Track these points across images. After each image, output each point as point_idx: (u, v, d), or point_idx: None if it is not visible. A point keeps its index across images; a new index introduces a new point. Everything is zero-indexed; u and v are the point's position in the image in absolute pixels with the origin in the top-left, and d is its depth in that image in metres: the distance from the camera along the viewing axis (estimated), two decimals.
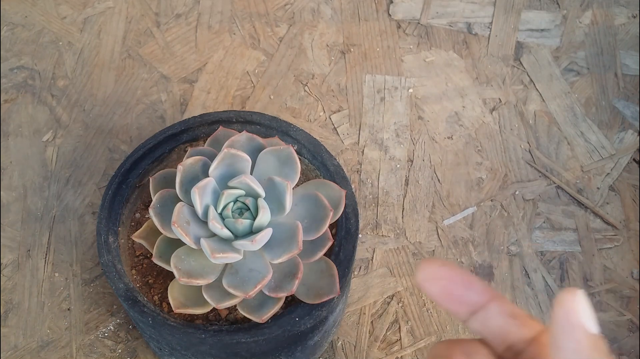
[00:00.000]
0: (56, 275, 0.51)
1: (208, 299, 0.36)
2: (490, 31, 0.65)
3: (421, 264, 0.31)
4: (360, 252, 0.52)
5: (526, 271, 0.52)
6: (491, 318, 0.32)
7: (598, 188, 0.56)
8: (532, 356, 0.30)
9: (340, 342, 0.49)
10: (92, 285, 0.50)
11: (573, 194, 0.56)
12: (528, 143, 0.58)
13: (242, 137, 0.38)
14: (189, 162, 0.37)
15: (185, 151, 0.41)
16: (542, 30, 0.65)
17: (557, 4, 0.67)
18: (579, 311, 0.26)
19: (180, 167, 0.37)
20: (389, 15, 0.66)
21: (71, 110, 0.59)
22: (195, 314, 0.39)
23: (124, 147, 0.57)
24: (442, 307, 0.33)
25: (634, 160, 0.58)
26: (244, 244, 0.35)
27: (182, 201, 0.37)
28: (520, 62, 0.63)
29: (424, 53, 0.63)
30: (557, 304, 0.26)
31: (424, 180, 0.56)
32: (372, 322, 0.50)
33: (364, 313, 0.50)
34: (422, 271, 0.32)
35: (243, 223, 0.36)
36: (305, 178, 0.45)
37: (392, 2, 0.67)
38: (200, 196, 0.36)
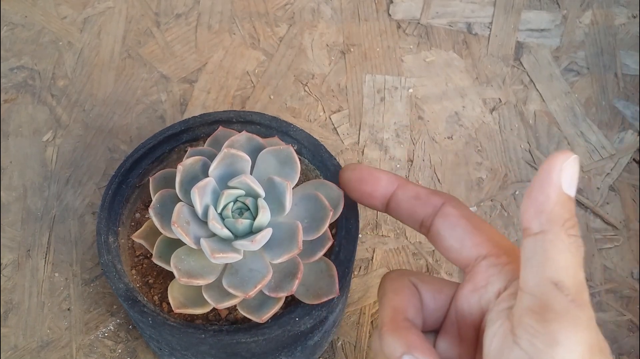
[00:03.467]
0: (56, 275, 0.51)
1: (208, 300, 0.36)
2: (490, 31, 0.65)
3: (340, 175, 0.37)
4: (360, 252, 0.52)
5: None
6: (400, 203, 0.37)
7: (598, 188, 0.56)
8: (437, 228, 0.35)
9: (340, 342, 0.49)
10: (92, 284, 0.50)
11: None
12: (528, 143, 0.58)
13: (242, 137, 0.38)
14: (188, 162, 0.37)
15: (185, 151, 0.41)
16: (542, 30, 0.65)
17: (557, 4, 0.67)
18: (560, 171, 0.28)
19: (180, 167, 0.37)
20: (389, 15, 0.66)
21: (71, 110, 0.59)
22: (195, 314, 0.39)
23: (124, 147, 0.57)
24: (363, 204, 0.38)
25: (634, 160, 0.58)
26: (244, 244, 0.35)
27: (182, 201, 0.37)
28: (520, 62, 0.63)
29: (424, 53, 0.63)
30: (546, 160, 0.28)
31: (424, 180, 0.56)
32: (372, 322, 0.50)
33: (364, 313, 0.50)
34: (341, 182, 0.38)
35: (243, 223, 0.36)
36: (305, 178, 0.45)
37: (392, 2, 0.67)
38: (200, 196, 0.36)
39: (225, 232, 0.36)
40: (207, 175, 0.37)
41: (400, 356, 0.30)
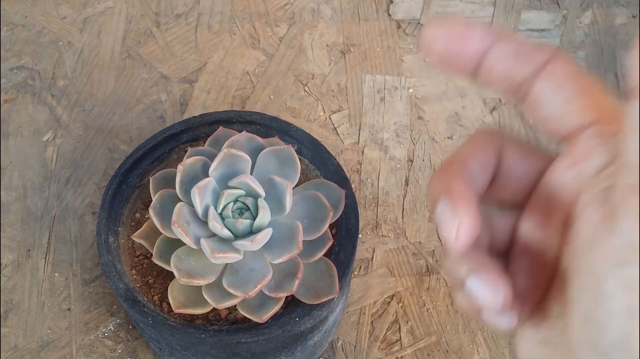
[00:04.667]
0: (56, 275, 0.51)
1: (208, 300, 0.36)
2: None
3: (422, 34, 0.29)
4: (360, 252, 0.52)
5: None
6: (496, 63, 0.29)
7: None
8: (538, 91, 0.27)
9: (340, 342, 0.49)
10: (92, 285, 0.50)
11: None
12: None
13: (242, 137, 0.38)
14: (189, 162, 0.37)
15: (185, 151, 0.41)
16: (542, 30, 0.65)
17: (557, 4, 0.67)
18: None
19: (180, 167, 0.37)
20: (389, 15, 0.66)
21: (71, 110, 0.59)
22: (195, 314, 0.39)
23: (124, 147, 0.57)
24: (449, 70, 0.30)
25: None
26: (244, 244, 0.35)
27: (182, 201, 0.37)
28: None
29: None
30: None
31: (424, 180, 0.56)
32: (372, 322, 0.50)
33: (364, 313, 0.50)
34: (422, 41, 0.30)
35: (243, 223, 0.36)
36: (305, 178, 0.45)
37: (392, 2, 0.67)
38: (200, 196, 0.36)
39: (225, 232, 0.36)
40: (207, 175, 0.37)
41: (440, 199, 0.24)
